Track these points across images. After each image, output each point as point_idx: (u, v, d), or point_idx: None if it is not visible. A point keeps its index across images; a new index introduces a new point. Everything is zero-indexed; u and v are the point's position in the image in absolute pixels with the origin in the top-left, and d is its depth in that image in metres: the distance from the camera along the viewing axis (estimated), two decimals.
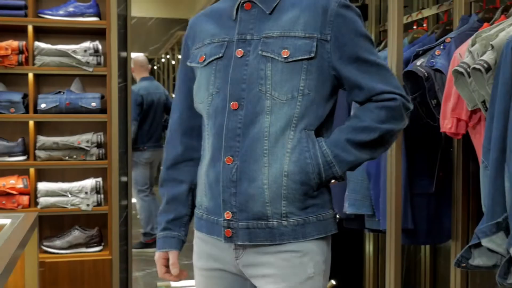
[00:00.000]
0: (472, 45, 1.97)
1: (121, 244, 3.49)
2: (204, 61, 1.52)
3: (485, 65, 1.86)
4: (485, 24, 2.19)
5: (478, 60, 1.88)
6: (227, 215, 1.45)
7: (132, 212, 3.67)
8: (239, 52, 1.47)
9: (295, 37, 1.45)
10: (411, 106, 1.51)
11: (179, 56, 7.74)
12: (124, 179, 3.62)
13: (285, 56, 1.44)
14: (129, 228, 3.65)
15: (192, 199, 1.61)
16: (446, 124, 2.12)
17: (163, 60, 9.47)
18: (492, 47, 1.88)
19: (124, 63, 3.62)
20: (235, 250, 1.48)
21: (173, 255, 1.59)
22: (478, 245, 1.85)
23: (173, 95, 1.80)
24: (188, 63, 1.59)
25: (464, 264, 1.87)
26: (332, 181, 1.47)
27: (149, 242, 5.39)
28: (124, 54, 3.65)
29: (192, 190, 1.61)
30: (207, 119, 1.52)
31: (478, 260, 1.85)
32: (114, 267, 3.26)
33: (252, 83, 1.45)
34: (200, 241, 1.57)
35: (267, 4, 1.49)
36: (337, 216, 1.55)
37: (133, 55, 5.58)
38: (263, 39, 1.47)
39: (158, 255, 1.61)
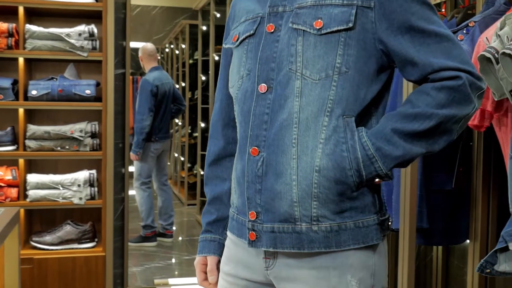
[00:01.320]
0: (501, 28, 1.78)
1: (116, 239, 3.33)
2: (237, 40, 1.35)
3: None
4: None
5: (509, 45, 1.69)
6: (252, 215, 1.27)
7: (129, 206, 3.50)
8: (270, 27, 1.29)
9: (331, 5, 1.23)
10: (484, 85, 1.23)
11: (183, 46, 7.63)
12: (121, 171, 3.45)
13: (318, 28, 1.23)
14: (126, 223, 3.48)
15: None
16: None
17: (167, 50, 9.29)
18: None
19: (123, 50, 3.43)
20: (265, 260, 1.29)
21: (211, 261, 1.43)
22: (505, 249, 1.66)
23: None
24: (224, 45, 1.43)
25: (488, 270, 1.68)
26: (377, 179, 1.23)
27: (149, 236, 5.31)
28: (123, 41, 3.46)
29: None
30: (236, 104, 1.35)
31: (504, 265, 1.66)
32: (107, 264, 3.08)
33: (282, 61, 1.25)
34: (231, 243, 1.38)
35: None
36: (390, 222, 1.28)
37: (141, 44, 5.45)
38: (295, 9, 1.26)
39: (197, 260, 1.45)
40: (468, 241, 2.37)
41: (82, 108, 3.14)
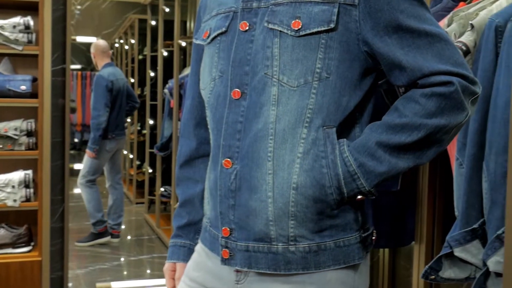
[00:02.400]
0: (449, 25, 1.73)
1: (55, 242, 3.18)
2: (208, 37, 1.24)
3: (464, 48, 1.62)
4: (461, 3, 1.94)
5: (456, 42, 1.64)
6: (225, 231, 1.17)
7: (69, 206, 3.35)
8: (244, 25, 1.17)
9: (310, 3, 1.11)
10: (478, 89, 1.12)
11: (133, 41, 7.45)
12: (61, 170, 3.29)
13: (296, 29, 1.11)
14: (66, 224, 3.32)
15: None
16: None
17: (116, 45, 9.06)
18: (472, 26, 1.63)
19: (62, 45, 3.27)
20: (236, 273, 1.19)
21: (180, 268, 1.35)
22: (450, 254, 1.61)
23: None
24: (195, 40, 1.31)
25: (433, 276, 1.63)
26: (359, 196, 1.13)
27: (102, 231, 5.20)
28: (63, 34, 3.30)
29: None
30: (208, 110, 1.24)
31: (449, 272, 1.62)
32: (44, 269, 2.93)
33: (257, 65, 1.14)
34: (203, 251, 1.28)
35: None
36: (373, 237, 1.19)
37: (90, 39, 5.30)
38: (271, 6, 1.14)
39: (166, 266, 1.37)
40: (414, 242, 2.33)
41: (17, 105, 2.98)
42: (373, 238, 1.19)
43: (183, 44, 5.03)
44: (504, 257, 1.40)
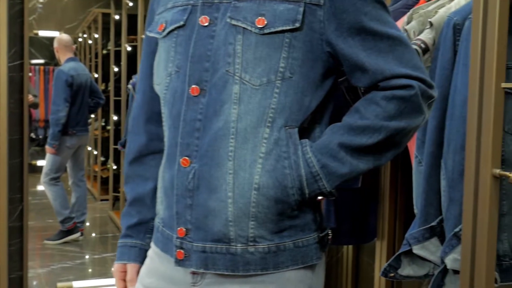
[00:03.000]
0: (408, 22, 1.73)
1: (14, 242, 3.10)
2: (163, 30, 1.20)
3: (423, 45, 1.62)
4: (421, 0, 1.94)
5: (415, 40, 1.64)
6: (180, 232, 1.14)
7: (28, 206, 3.27)
8: (204, 19, 1.14)
9: (275, 1, 1.09)
10: (435, 94, 1.14)
11: (96, 36, 7.33)
12: (19, 168, 3.21)
13: (260, 26, 1.09)
14: (25, 223, 3.25)
15: None
16: None
17: (80, 39, 8.92)
18: (431, 24, 1.64)
19: (20, 39, 3.18)
20: (192, 275, 1.17)
21: (131, 269, 1.30)
22: (409, 252, 1.62)
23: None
24: (148, 33, 1.27)
25: (392, 274, 1.63)
26: (319, 197, 1.13)
27: (71, 228, 5.13)
28: (20, 29, 3.22)
29: None
30: (164, 106, 1.21)
31: (408, 269, 1.62)
32: (1, 269, 2.86)
33: (218, 61, 1.11)
34: (155, 255, 1.25)
35: None
36: (329, 237, 1.20)
37: (53, 33, 5.20)
38: (234, 2, 1.12)
39: (116, 267, 1.32)
40: (376, 239, 2.33)
41: None
42: (329, 237, 1.19)
43: None
44: (461, 254, 1.41)
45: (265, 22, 1.08)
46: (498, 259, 1.45)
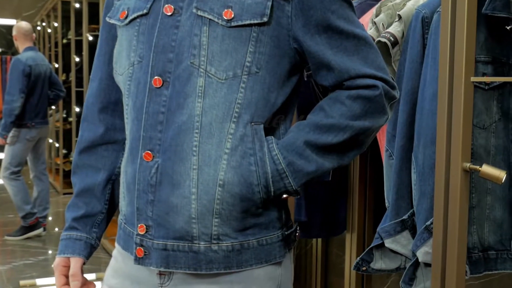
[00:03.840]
0: (377, 15, 1.72)
1: None
2: (125, 18, 1.16)
3: (392, 38, 1.61)
4: None
5: (384, 33, 1.63)
6: (141, 228, 1.11)
7: None
8: (168, 8, 1.10)
9: None
10: (397, 95, 1.15)
11: (56, 24, 7.16)
12: None
13: (227, 19, 1.06)
14: None
15: (111, 193, 1.28)
16: None
17: (38, 28, 8.70)
18: (400, 17, 1.63)
19: None
20: (159, 276, 1.13)
21: (75, 263, 1.23)
22: (380, 245, 1.62)
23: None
24: (108, 19, 1.22)
25: (364, 268, 1.63)
26: (284, 195, 1.11)
27: (33, 224, 5.02)
28: None
29: (113, 181, 1.27)
30: (127, 98, 1.16)
31: (380, 263, 1.62)
32: None
33: (182, 52, 1.08)
34: (119, 255, 1.20)
35: None
36: (297, 233, 1.19)
37: (9, 21, 5.04)
38: None
39: (57, 261, 1.24)
40: (346, 232, 2.34)
41: None
42: (297, 234, 1.18)
43: None
44: (432, 247, 1.41)
45: (233, 15, 1.06)
46: (468, 251, 1.47)
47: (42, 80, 4.90)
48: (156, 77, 1.09)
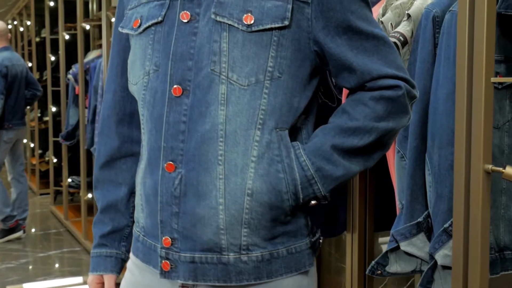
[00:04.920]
0: (383, 14, 1.69)
1: None
2: (139, 26, 1.13)
3: (401, 38, 1.59)
4: None
5: (393, 32, 1.61)
6: (166, 241, 1.08)
7: None
8: (185, 15, 1.07)
9: None
10: (417, 94, 1.14)
11: (28, 23, 7.01)
12: None
13: (248, 24, 1.03)
14: None
15: (134, 205, 1.25)
16: None
17: (9, 26, 8.51)
18: (409, 16, 1.61)
19: None
20: None
21: (109, 281, 1.23)
22: (395, 248, 1.60)
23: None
24: (120, 29, 1.19)
25: (379, 272, 1.61)
26: (313, 202, 1.09)
27: (13, 226, 4.93)
28: None
29: (135, 194, 1.24)
30: (142, 108, 1.13)
31: (395, 266, 1.61)
32: None
33: (202, 60, 1.05)
34: (135, 268, 1.18)
35: None
36: (320, 240, 1.17)
37: None
38: None
39: (91, 278, 1.25)
40: (345, 232, 2.32)
41: None
42: (320, 241, 1.16)
43: (87, 27, 4.77)
44: (452, 250, 1.40)
45: (253, 19, 1.04)
46: None
47: (19, 81, 4.79)
48: (175, 85, 1.06)
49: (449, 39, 1.48)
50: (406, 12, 1.61)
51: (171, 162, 1.06)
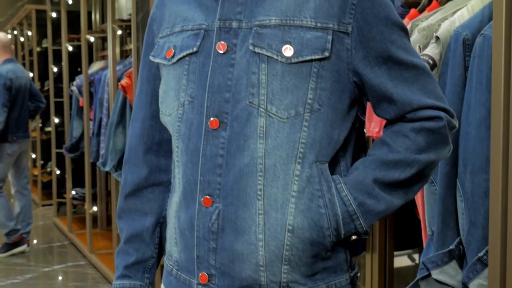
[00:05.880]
0: (410, 35, 1.66)
1: None
2: (173, 56, 1.10)
3: (431, 61, 1.56)
4: (412, 9, 1.89)
5: (422, 55, 1.58)
6: (203, 278, 1.05)
7: None
8: (221, 46, 1.04)
9: (301, 27, 1.01)
10: (457, 123, 1.11)
11: (29, 33, 6.97)
12: None
13: (287, 55, 1.00)
14: None
15: (160, 236, 1.22)
16: (373, 128, 1.81)
17: (9, 36, 8.46)
18: (437, 38, 1.58)
19: None
20: None
21: None
22: (425, 276, 1.57)
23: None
24: (152, 58, 1.16)
25: None
26: (353, 237, 1.05)
27: (17, 240, 4.88)
28: None
29: (161, 224, 1.21)
30: (177, 140, 1.10)
31: None
32: None
33: (239, 92, 1.02)
34: None
35: None
36: (358, 275, 1.14)
37: None
38: (256, 28, 1.03)
39: None
40: (364, 252, 2.29)
41: None
42: (358, 275, 1.13)
43: (92, 39, 4.74)
44: (488, 280, 1.37)
45: (293, 51, 1.01)
46: None
47: (23, 93, 4.76)
48: (212, 118, 1.03)
49: (481, 63, 1.45)
50: (435, 34, 1.59)
51: (208, 197, 1.04)
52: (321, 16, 1.02)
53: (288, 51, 1.01)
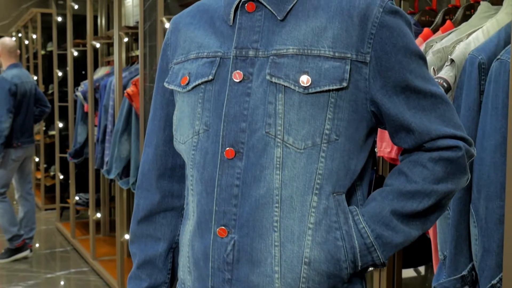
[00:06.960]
0: None
1: None
2: (187, 84, 1.09)
3: (445, 84, 1.54)
4: (425, 29, 1.88)
5: (436, 78, 1.56)
6: None
7: None
8: (238, 74, 1.03)
9: (319, 57, 1.00)
10: (475, 152, 1.10)
11: (34, 36, 6.96)
12: None
13: (305, 85, 0.99)
14: None
15: (173, 261, 1.20)
16: (385, 148, 1.80)
17: (13, 38, 8.46)
18: (452, 61, 1.57)
19: None
20: None
21: None
22: None
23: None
24: (166, 84, 1.14)
25: None
26: (370, 268, 1.04)
27: (20, 246, 4.85)
28: None
29: (173, 250, 1.20)
30: (191, 169, 1.09)
31: None
32: None
33: (256, 122, 1.01)
34: None
35: (278, 6, 1.04)
36: None
37: None
38: (272, 57, 1.02)
39: None
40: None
41: None
42: None
43: (98, 45, 4.73)
44: None
45: (310, 81, 1.00)
46: None
47: (28, 98, 4.74)
48: (228, 148, 1.02)
49: (497, 88, 1.43)
50: (449, 57, 1.57)
51: (223, 227, 1.03)
52: (339, 45, 1.00)
53: (305, 81, 0.99)
